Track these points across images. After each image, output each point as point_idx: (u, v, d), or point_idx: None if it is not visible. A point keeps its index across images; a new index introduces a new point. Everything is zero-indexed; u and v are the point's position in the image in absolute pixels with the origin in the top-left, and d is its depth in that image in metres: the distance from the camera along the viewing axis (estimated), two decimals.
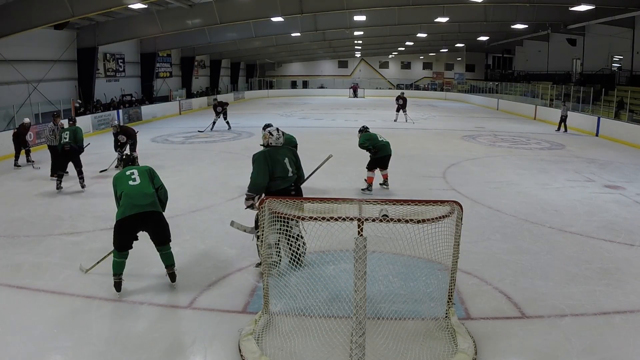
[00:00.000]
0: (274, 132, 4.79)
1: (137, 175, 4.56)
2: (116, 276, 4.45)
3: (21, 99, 15.47)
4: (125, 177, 4.55)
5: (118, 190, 4.51)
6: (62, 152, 8.41)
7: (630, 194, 8.36)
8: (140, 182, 4.52)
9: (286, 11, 16.63)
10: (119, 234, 4.43)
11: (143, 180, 4.55)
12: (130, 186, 4.46)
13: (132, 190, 4.43)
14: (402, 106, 19.90)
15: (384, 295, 4.29)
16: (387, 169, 8.42)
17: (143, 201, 4.40)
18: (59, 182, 8.42)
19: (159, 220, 4.53)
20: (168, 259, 4.60)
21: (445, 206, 3.46)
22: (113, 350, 3.58)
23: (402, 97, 20.20)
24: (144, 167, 4.74)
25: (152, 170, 4.75)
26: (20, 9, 12.99)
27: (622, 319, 4.07)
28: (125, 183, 4.49)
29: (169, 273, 4.64)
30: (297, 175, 4.88)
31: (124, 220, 4.37)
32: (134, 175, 4.56)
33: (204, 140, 14.87)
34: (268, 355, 3.45)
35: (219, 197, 7.90)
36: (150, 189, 4.54)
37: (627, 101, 16.84)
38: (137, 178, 4.54)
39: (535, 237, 6.08)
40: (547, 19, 21.08)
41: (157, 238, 4.53)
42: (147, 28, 18.60)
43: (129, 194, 4.41)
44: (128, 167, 4.76)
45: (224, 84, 35.93)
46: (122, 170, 4.71)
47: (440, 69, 45.84)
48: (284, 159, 4.74)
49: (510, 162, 11.37)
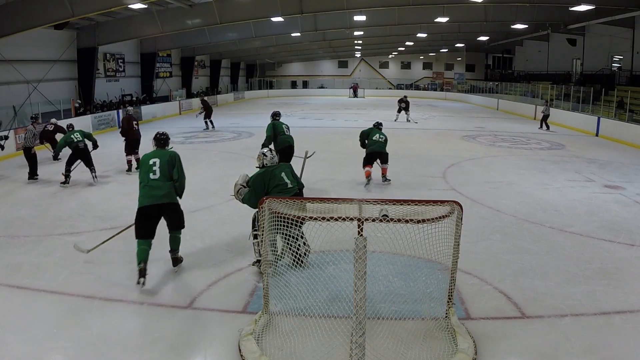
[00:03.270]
0: (267, 153, 5.02)
1: (158, 167, 4.81)
2: (139, 264, 4.57)
3: (21, 99, 15.46)
4: (148, 167, 4.82)
5: (140, 174, 4.85)
6: (75, 151, 8.88)
7: (630, 194, 8.36)
8: (159, 176, 4.78)
9: (286, 11, 16.63)
10: (139, 222, 4.71)
11: (162, 174, 4.80)
12: (149, 179, 4.77)
13: (150, 183, 4.76)
14: (405, 109, 20.02)
15: (384, 295, 4.29)
16: (387, 164, 8.63)
17: (159, 193, 4.72)
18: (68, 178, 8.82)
19: (174, 210, 4.90)
20: (174, 243, 4.97)
21: (445, 206, 3.46)
22: (113, 350, 3.57)
23: (404, 100, 20.22)
24: (167, 156, 4.91)
25: (175, 158, 4.93)
26: (20, 9, 12.99)
27: (622, 319, 4.08)
28: (146, 174, 4.79)
29: (172, 257, 4.96)
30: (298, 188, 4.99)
31: (142, 209, 4.71)
32: (155, 167, 4.80)
33: (203, 141, 14.87)
34: (268, 355, 3.45)
35: (218, 197, 7.90)
36: (167, 182, 4.80)
37: (627, 101, 16.84)
38: (157, 171, 4.79)
39: (535, 237, 6.07)
40: (547, 19, 21.09)
41: (172, 224, 4.94)
42: (147, 28, 18.60)
43: (147, 186, 4.75)
44: (153, 153, 4.97)
45: (224, 84, 35.92)
46: (147, 157, 4.92)
47: (440, 69, 45.83)
48: (281, 173, 4.90)
49: (510, 162, 11.37)
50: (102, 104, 19.61)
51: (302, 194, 5.13)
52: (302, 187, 5.14)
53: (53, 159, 9.80)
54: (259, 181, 4.80)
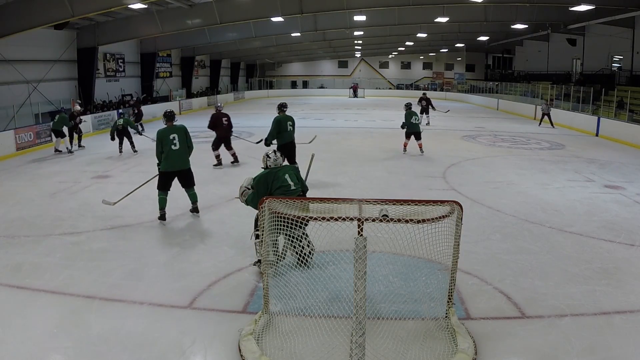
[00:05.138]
0: (271, 155, 5.02)
1: (178, 140, 6.28)
2: (161, 209, 6.39)
3: (21, 99, 15.46)
4: (169, 141, 6.25)
5: (164, 147, 6.26)
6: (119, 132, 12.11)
7: (630, 194, 8.36)
8: (179, 147, 6.31)
9: (286, 11, 16.63)
10: (162, 181, 6.38)
11: (182, 145, 6.33)
12: (172, 150, 6.28)
13: (173, 154, 6.30)
14: (426, 109, 18.35)
15: (384, 295, 4.29)
16: (421, 140, 11.77)
17: (180, 161, 6.38)
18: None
19: (188, 172, 6.55)
20: (193, 197, 6.68)
21: (445, 206, 3.46)
22: (113, 350, 3.57)
23: (425, 97, 18.78)
24: (182, 130, 6.41)
25: (187, 130, 6.48)
26: (20, 9, 12.99)
27: (622, 319, 4.07)
28: (169, 146, 6.26)
29: (193, 207, 6.72)
30: (301, 190, 4.98)
31: (166, 173, 6.36)
32: (175, 140, 6.28)
33: (203, 141, 14.83)
34: (268, 355, 3.45)
35: (218, 197, 7.90)
36: (186, 151, 6.42)
37: (627, 101, 16.83)
38: (177, 143, 6.28)
39: (535, 237, 6.07)
40: (547, 19, 21.08)
41: (186, 183, 6.55)
42: (147, 28, 18.60)
43: (170, 156, 6.29)
44: (169, 129, 6.36)
45: (224, 84, 35.93)
46: (167, 131, 6.30)
47: (440, 69, 45.83)
48: (284, 174, 4.89)
49: (510, 162, 11.37)
50: (102, 104, 19.60)
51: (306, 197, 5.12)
52: (306, 190, 5.11)
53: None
54: (262, 182, 4.80)
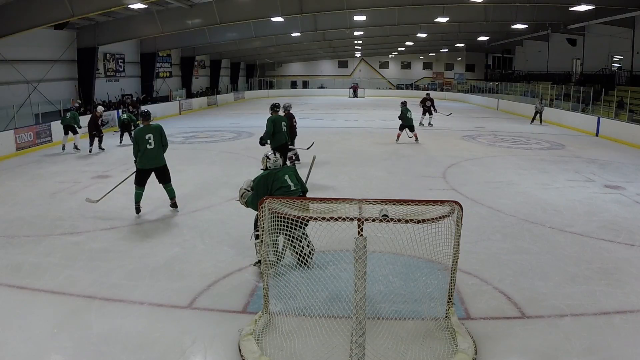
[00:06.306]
0: (271, 156, 5.01)
1: (153, 140, 6.59)
2: (136, 203, 6.72)
3: (21, 99, 15.47)
4: (144, 140, 6.56)
5: (140, 147, 6.57)
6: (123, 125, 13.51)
7: (630, 194, 8.35)
8: (154, 146, 6.61)
9: (286, 11, 16.63)
10: (138, 177, 6.69)
11: (156, 144, 6.63)
12: (148, 149, 6.60)
13: (149, 153, 6.61)
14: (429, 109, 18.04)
15: (384, 295, 4.29)
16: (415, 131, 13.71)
17: (155, 159, 6.70)
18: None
19: (164, 169, 6.84)
20: (171, 193, 6.96)
21: (445, 206, 3.46)
22: (113, 350, 3.57)
23: (428, 98, 18.21)
24: (157, 130, 6.69)
25: (162, 130, 6.78)
26: (20, 9, 12.99)
27: (622, 319, 4.07)
28: (144, 145, 6.57)
29: (172, 203, 6.97)
30: (301, 191, 4.98)
31: (142, 170, 6.69)
32: (150, 140, 6.58)
33: (204, 141, 14.88)
34: (268, 355, 3.45)
35: (218, 197, 7.90)
36: (160, 150, 6.72)
37: (627, 101, 16.83)
38: (152, 142, 6.59)
39: (535, 237, 6.07)
40: (547, 19, 21.09)
41: (163, 179, 6.87)
42: (147, 28, 18.60)
43: (146, 154, 6.61)
44: (146, 128, 6.66)
45: (224, 84, 35.93)
46: (142, 132, 6.62)
47: (440, 69, 45.83)
48: (284, 175, 4.89)
49: (510, 162, 11.37)
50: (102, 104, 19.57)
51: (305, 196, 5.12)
52: (305, 192, 5.10)
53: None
54: (262, 183, 4.80)
